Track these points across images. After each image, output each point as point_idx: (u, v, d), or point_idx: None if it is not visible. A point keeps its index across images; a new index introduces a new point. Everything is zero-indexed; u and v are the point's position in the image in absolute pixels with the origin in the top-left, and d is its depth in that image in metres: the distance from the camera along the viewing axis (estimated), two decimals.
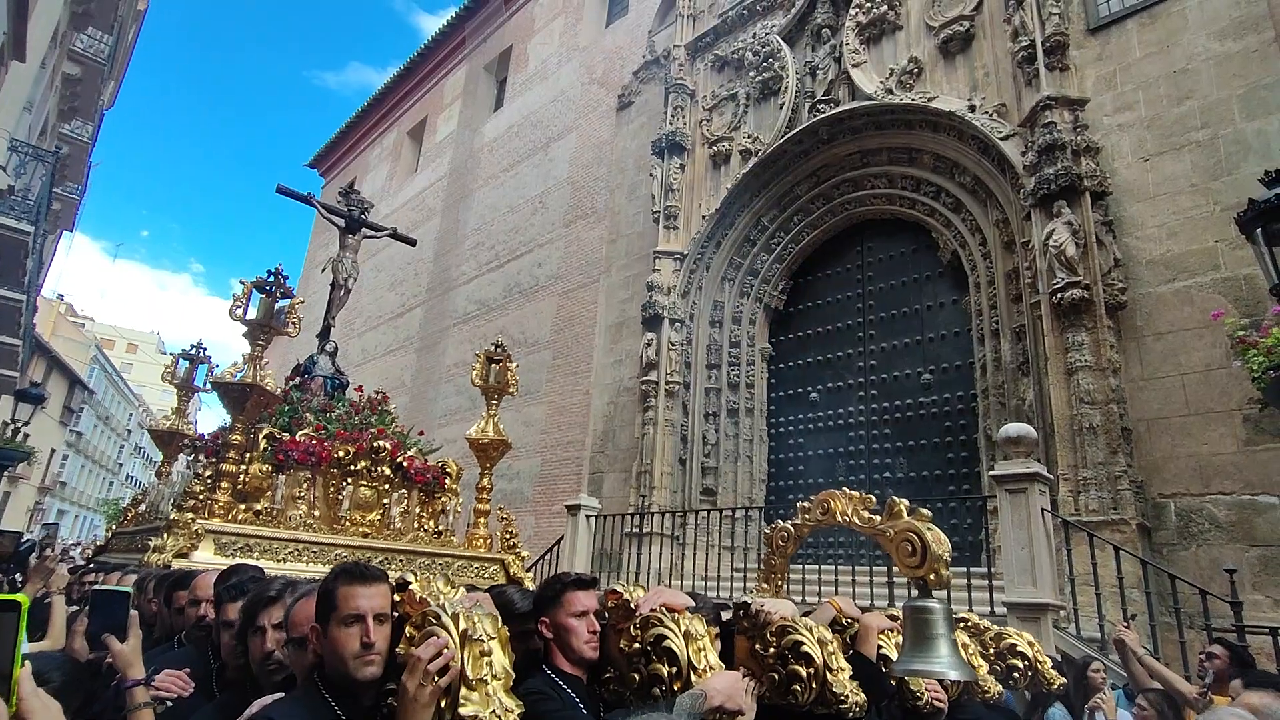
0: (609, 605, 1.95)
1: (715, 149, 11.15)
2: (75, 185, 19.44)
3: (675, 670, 1.74)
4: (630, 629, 1.86)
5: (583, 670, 1.95)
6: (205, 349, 7.50)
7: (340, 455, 5.62)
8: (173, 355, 7.47)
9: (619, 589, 1.95)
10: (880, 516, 2.06)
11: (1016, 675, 2.71)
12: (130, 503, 7.60)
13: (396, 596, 1.68)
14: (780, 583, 2.51)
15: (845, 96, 9.46)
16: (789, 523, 2.44)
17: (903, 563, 1.92)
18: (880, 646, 2.21)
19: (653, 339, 10.40)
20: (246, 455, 5.22)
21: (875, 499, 2.19)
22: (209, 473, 5.22)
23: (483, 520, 6.20)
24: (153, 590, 3.25)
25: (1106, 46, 7.38)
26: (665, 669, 1.75)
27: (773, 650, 1.86)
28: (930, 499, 7.33)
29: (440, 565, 5.61)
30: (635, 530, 9.38)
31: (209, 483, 5.05)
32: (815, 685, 1.77)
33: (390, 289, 19.44)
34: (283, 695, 1.78)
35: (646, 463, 9.96)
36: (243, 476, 5.17)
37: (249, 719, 1.69)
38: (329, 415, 6.04)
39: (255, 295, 5.11)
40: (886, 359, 9.16)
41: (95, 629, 2.05)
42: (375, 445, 5.74)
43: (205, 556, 4.50)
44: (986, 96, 8.14)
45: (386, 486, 5.80)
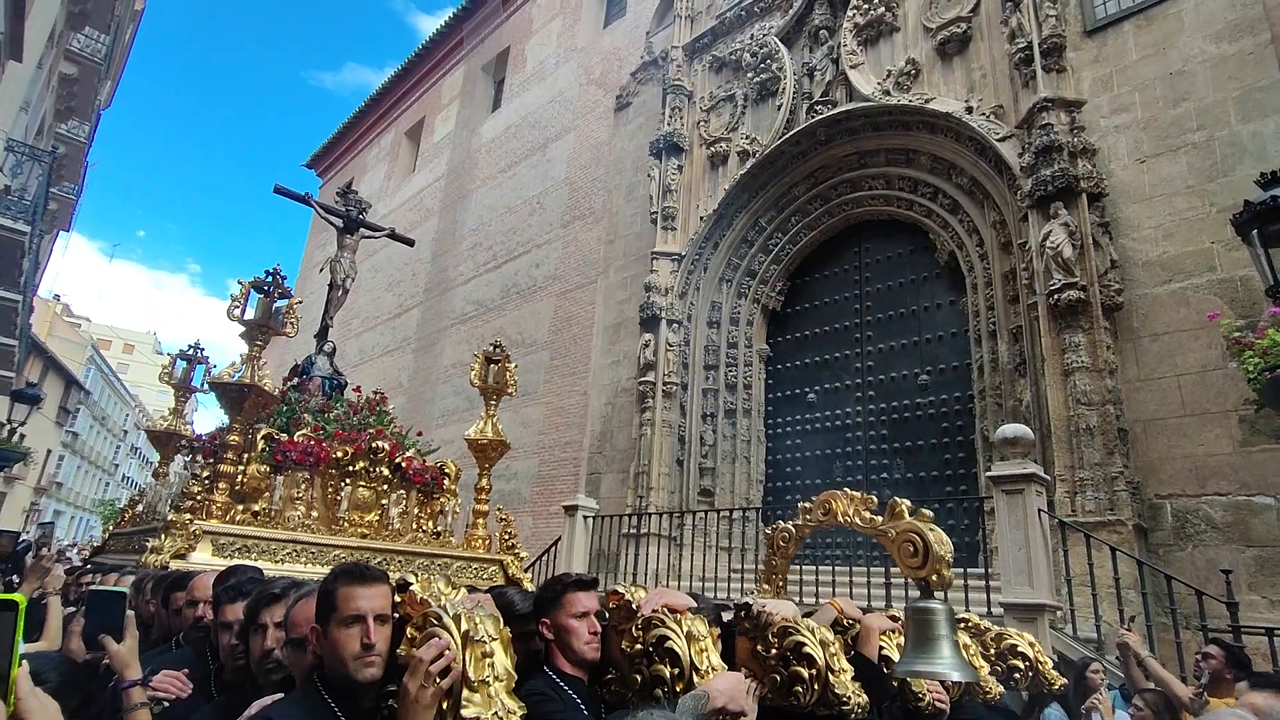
0: (611, 606, 1.95)
1: (713, 150, 11.15)
2: (72, 185, 19.42)
3: (677, 671, 1.74)
4: (632, 630, 1.86)
5: (584, 671, 1.95)
6: (203, 349, 7.46)
7: (338, 456, 5.61)
8: (169, 356, 7.44)
9: (620, 590, 1.94)
10: (882, 517, 2.06)
11: (1017, 676, 2.72)
12: (127, 503, 7.58)
13: (397, 597, 1.68)
14: (781, 583, 2.51)
15: (843, 98, 9.47)
16: (790, 523, 2.44)
17: (905, 564, 1.92)
18: (882, 648, 2.21)
19: (650, 340, 10.40)
20: (244, 456, 5.20)
21: (875, 500, 2.20)
22: (206, 473, 5.21)
23: (481, 521, 6.20)
24: (150, 591, 3.24)
25: (1103, 48, 7.40)
26: (667, 670, 1.75)
27: (775, 651, 1.86)
28: (928, 500, 7.32)
29: (439, 566, 5.60)
30: (633, 531, 9.37)
31: (206, 483, 5.05)
32: (817, 687, 1.78)
33: (388, 289, 19.40)
34: (282, 696, 1.77)
35: (644, 463, 9.96)
36: (240, 477, 5.15)
37: (248, 719, 1.68)
38: (327, 416, 6.02)
39: (253, 295, 5.10)
40: (884, 360, 9.17)
41: (91, 629, 2.04)
42: (374, 446, 5.73)
43: (203, 557, 4.49)
44: (984, 98, 8.16)
45: (385, 487, 5.79)
